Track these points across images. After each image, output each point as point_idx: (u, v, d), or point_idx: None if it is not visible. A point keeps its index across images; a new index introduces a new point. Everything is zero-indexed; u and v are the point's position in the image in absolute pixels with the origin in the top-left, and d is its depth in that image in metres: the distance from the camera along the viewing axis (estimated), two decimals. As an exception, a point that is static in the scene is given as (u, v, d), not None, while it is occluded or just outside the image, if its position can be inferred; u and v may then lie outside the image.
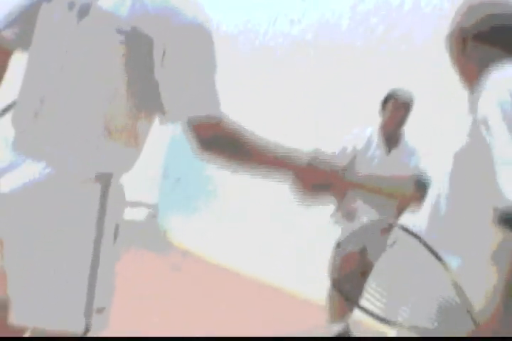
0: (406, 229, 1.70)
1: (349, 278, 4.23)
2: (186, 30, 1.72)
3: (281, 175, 1.87)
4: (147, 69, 1.73)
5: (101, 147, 1.76)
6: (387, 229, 1.87)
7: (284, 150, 1.86)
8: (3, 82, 1.99)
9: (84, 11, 1.77)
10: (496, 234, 1.55)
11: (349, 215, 4.28)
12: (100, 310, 1.76)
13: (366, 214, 4.12)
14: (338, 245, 1.87)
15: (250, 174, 1.88)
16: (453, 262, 1.61)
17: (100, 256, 1.75)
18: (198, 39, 1.73)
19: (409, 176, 1.94)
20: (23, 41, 1.90)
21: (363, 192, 2.00)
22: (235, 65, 6.74)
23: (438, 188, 1.72)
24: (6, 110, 1.99)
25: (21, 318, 1.74)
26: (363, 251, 4.02)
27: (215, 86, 1.76)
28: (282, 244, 6.05)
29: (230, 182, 6.84)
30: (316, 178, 1.87)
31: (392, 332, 1.71)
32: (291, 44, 6.52)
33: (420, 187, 1.80)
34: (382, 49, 5.58)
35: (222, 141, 1.78)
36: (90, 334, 1.77)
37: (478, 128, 1.59)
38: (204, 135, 1.76)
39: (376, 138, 4.38)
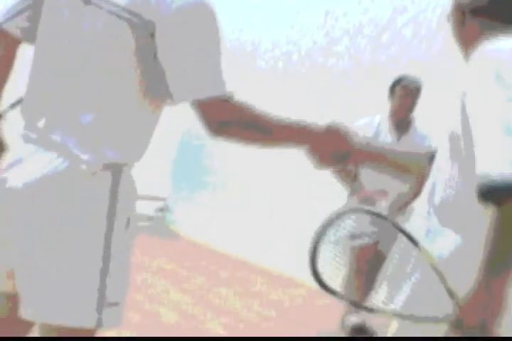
0: (376, 214, 1.67)
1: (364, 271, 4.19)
2: (186, 10, 1.70)
3: (299, 147, 1.86)
4: (152, 54, 1.71)
5: (110, 136, 1.74)
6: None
7: (299, 124, 1.84)
8: (13, 73, 1.96)
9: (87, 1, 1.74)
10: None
11: (368, 202, 4.24)
12: (113, 305, 1.72)
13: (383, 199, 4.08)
14: (353, 236, 1.84)
15: (267, 149, 1.87)
16: (452, 243, 1.58)
17: (112, 249, 1.71)
18: (198, 18, 1.71)
19: (424, 152, 1.90)
20: (29, 33, 1.88)
21: (380, 164, 1.96)
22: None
23: (437, 168, 1.70)
24: (15, 105, 1.97)
25: (31, 313, 1.72)
26: (376, 243, 4.00)
27: (219, 65, 1.73)
28: (287, 235, 6.03)
29: (235, 175, 6.84)
30: (334, 147, 1.86)
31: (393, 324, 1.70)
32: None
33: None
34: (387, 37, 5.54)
35: (233, 122, 1.76)
36: (103, 330, 1.74)
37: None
38: (213, 117, 1.74)
39: (386, 125, 4.34)
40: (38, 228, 1.69)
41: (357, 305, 1.76)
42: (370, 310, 1.61)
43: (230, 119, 1.75)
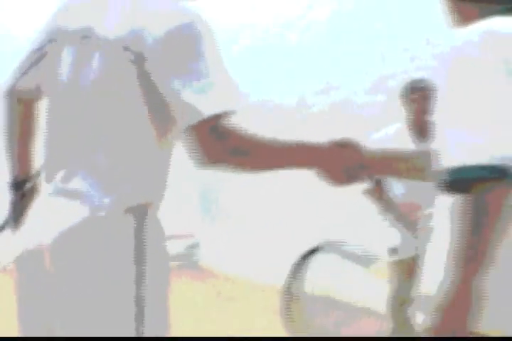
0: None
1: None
2: (173, 34, 1.65)
3: (307, 168, 1.78)
4: (152, 85, 1.67)
5: (126, 176, 1.70)
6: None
7: (303, 143, 1.76)
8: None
9: (87, 39, 1.74)
10: None
11: (403, 218, 4.13)
12: None
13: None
14: (394, 251, 1.83)
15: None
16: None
17: (145, 296, 1.67)
18: (186, 42, 1.65)
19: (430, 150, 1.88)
20: (41, 90, 1.89)
21: (398, 170, 1.90)
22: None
23: None
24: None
25: None
26: (415, 258, 3.93)
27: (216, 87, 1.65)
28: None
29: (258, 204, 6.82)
30: (345, 162, 1.79)
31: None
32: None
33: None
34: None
35: (232, 149, 1.66)
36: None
37: None
38: (210, 146, 1.64)
39: (406, 135, 4.25)
40: (69, 285, 1.66)
41: None
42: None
43: (223, 147, 1.65)
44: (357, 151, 1.80)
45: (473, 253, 1.39)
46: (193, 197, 7.81)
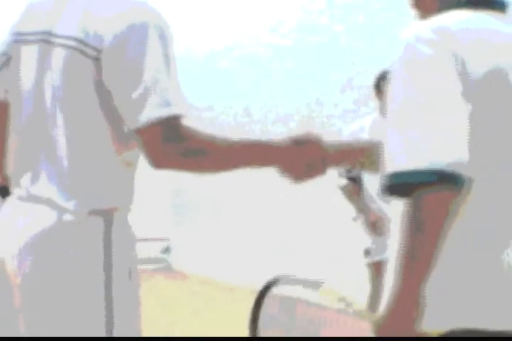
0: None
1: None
2: (129, 33, 1.63)
3: (268, 166, 1.76)
4: (104, 84, 1.65)
5: (89, 180, 1.68)
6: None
7: (262, 142, 1.78)
8: None
9: (47, 41, 1.73)
10: None
11: (375, 229, 4.10)
12: None
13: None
14: (368, 252, 1.83)
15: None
16: None
17: (115, 302, 1.65)
18: (143, 38, 1.63)
19: None
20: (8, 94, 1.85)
21: (361, 161, 1.89)
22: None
23: None
24: None
25: None
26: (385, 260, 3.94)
27: (172, 87, 1.62)
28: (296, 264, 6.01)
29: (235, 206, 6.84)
30: (307, 158, 1.76)
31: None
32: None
33: None
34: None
35: (188, 149, 1.63)
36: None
37: None
38: (161, 148, 1.61)
39: (382, 125, 4.22)
40: (38, 289, 1.65)
41: None
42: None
43: (176, 148, 1.62)
44: (317, 146, 1.78)
45: (414, 256, 1.38)
46: (166, 201, 7.80)
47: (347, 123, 4.45)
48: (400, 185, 1.41)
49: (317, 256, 5.95)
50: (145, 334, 1.76)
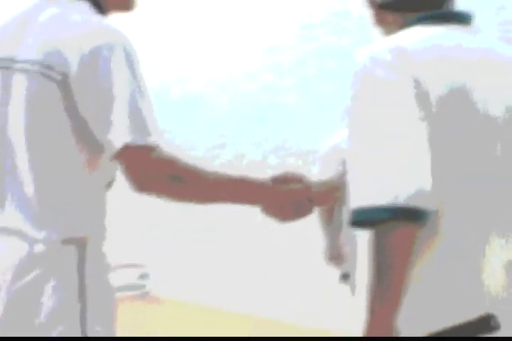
0: None
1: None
2: (94, 55, 1.59)
3: (250, 205, 1.73)
4: (76, 108, 1.62)
5: (59, 208, 1.65)
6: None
7: (245, 179, 1.71)
8: None
9: (11, 67, 1.69)
10: None
11: (337, 258, 4.11)
12: None
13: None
14: (345, 276, 1.80)
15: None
16: None
17: (89, 334, 1.62)
18: (110, 59, 1.59)
19: None
20: None
21: (340, 198, 1.82)
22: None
23: None
24: None
25: None
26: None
27: (143, 111, 1.58)
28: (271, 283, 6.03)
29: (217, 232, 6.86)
30: (292, 198, 1.72)
31: None
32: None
33: None
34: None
35: (163, 175, 1.59)
36: None
37: None
38: (140, 170, 1.58)
39: None
40: (12, 323, 1.62)
41: None
42: None
43: (159, 172, 1.59)
44: (303, 185, 1.74)
45: (381, 297, 1.34)
46: (142, 227, 7.78)
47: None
48: (361, 221, 1.38)
49: (291, 277, 5.98)
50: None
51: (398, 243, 1.33)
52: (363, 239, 1.47)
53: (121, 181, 1.73)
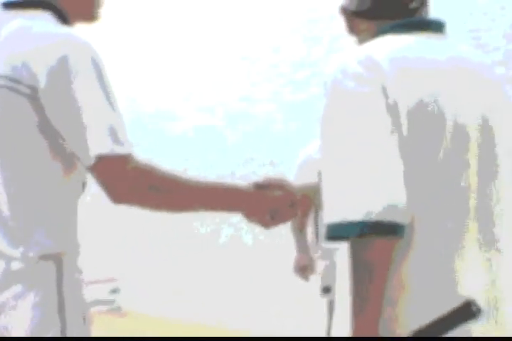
0: None
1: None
2: (60, 66, 1.57)
3: (231, 212, 1.73)
4: (47, 122, 1.60)
5: (39, 226, 1.63)
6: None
7: (226, 185, 1.71)
8: None
9: None
10: None
11: (305, 270, 4.10)
12: None
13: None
14: (327, 289, 1.81)
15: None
16: None
17: None
18: (75, 70, 1.56)
19: None
20: None
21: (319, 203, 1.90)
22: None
23: None
24: None
25: None
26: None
27: (112, 122, 1.56)
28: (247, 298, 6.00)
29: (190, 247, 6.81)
30: (274, 204, 1.72)
31: None
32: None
33: None
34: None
35: (141, 186, 1.58)
36: None
37: None
38: (117, 181, 1.56)
39: None
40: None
41: None
42: None
43: (137, 183, 1.57)
44: (284, 190, 1.74)
45: (361, 309, 1.35)
46: (113, 242, 7.73)
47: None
48: (337, 236, 1.38)
49: (266, 289, 5.97)
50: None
51: (375, 257, 1.34)
52: (341, 252, 1.47)
53: (90, 195, 1.69)
